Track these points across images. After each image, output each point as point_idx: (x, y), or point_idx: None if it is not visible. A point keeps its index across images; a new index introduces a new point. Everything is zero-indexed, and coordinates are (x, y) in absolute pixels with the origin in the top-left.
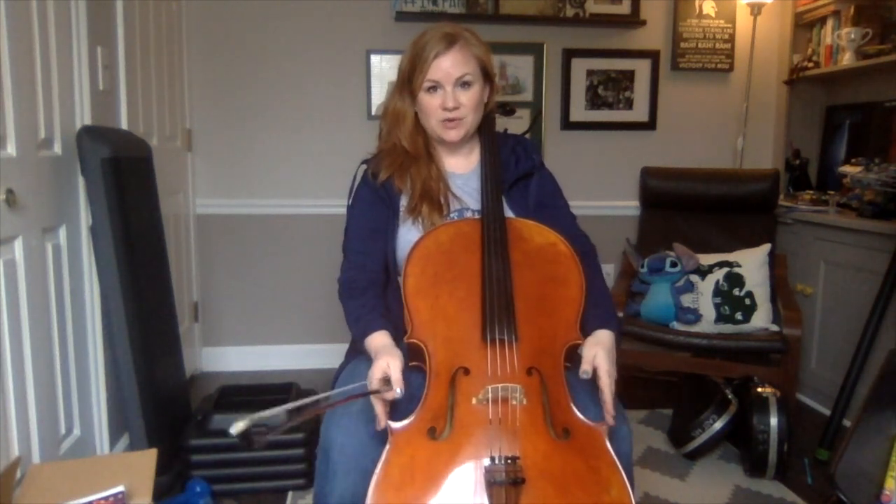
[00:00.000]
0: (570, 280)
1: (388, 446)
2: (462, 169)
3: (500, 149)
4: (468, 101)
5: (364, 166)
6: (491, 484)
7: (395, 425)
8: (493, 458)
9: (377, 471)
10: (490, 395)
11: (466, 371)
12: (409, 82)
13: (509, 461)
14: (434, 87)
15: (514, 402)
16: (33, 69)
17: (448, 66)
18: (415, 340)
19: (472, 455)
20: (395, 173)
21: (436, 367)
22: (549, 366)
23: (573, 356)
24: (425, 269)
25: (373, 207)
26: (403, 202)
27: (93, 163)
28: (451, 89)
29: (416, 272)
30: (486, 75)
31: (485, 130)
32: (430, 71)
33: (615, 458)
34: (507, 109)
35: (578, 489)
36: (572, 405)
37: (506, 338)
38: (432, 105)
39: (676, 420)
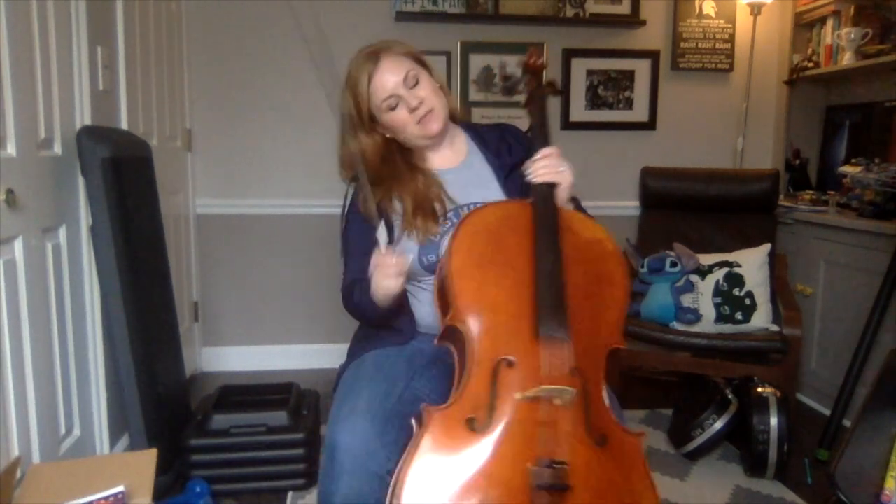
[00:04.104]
0: (616, 280)
1: (422, 430)
2: (451, 162)
3: (489, 138)
4: (426, 93)
5: (354, 185)
6: (536, 487)
7: (432, 407)
8: (539, 461)
9: (410, 457)
10: (541, 394)
11: (510, 363)
12: (360, 118)
13: (557, 466)
14: (395, 104)
15: (561, 404)
16: (33, 69)
17: (388, 76)
18: (456, 324)
19: (513, 454)
20: (379, 201)
21: (478, 354)
22: (591, 368)
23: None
24: (472, 249)
25: (367, 232)
26: (397, 220)
27: (93, 163)
28: (406, 92)
29: (463, 250)
30: (423, 64)
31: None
32: (378, 91)
33: (648, 467)
34: (559, 90)
35: (613, 498)
36: (612, 411)
37: (558, 336)
38: (402, 116)
39: (676, 420)
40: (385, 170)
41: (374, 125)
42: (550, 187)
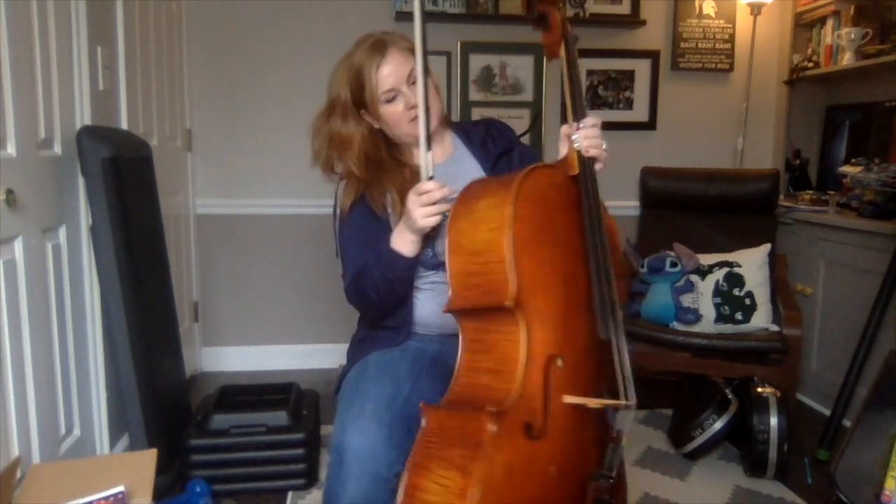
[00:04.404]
0: (617, 278)
1: (485, 437)
2: (437, 158)
3: (474, 134)
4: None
5: (343, 182)
6: (595, 502)
7: (498, 411)
8: (596, 475)
9: (477, 465)
10: (618, 409)
11: (559, 360)
12: (354, 105)
13: (610, 479)
14: (392, 97)
15: (606, 414)
16: (33, 69)
17: (394, 69)
18: (515, 308)
19: (569, 465)
20: (365, 194)
21: (530, 347)
22: None
23: None
24: (527, 217)
25: (363, 224)
26: (390, 209)
27: (93, 163)
28: (407, 88)
29: (525, 215)
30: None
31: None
32: (382, 83)
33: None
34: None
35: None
36: None
37: (622, 342)
38: (398, 111)
39: (676, 420)
40: (371, 163)
41: (371, 113)
42: (592, 162)
